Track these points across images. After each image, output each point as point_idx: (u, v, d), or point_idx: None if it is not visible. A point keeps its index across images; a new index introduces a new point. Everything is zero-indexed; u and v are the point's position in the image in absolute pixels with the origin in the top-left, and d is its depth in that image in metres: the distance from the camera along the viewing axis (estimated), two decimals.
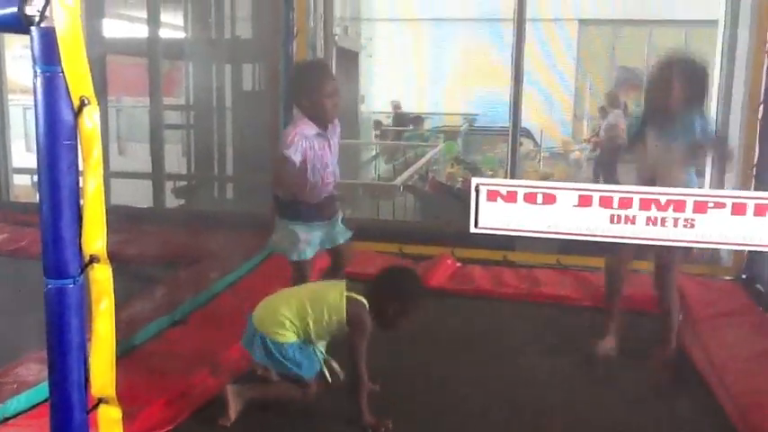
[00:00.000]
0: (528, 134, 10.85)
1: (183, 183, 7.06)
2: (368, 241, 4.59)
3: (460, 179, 8.00)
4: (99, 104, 1.53)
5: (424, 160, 8.90)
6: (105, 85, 6.39)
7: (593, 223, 1.67)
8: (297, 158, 3.10)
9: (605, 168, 3.69)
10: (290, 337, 2.66)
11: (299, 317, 2.66)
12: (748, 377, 3.01)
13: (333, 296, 2.69)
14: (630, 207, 1.66)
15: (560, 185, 1.70)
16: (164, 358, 3.06)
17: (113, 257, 1.57)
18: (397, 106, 12.74)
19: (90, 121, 1.49)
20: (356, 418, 2.69)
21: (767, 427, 2.62)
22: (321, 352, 2.76)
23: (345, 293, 2.70)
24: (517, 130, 5.40)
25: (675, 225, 1.66)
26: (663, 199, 1.66)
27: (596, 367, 3.27)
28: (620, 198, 1.66)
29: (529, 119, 9.98)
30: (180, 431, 2.62)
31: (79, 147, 1.51)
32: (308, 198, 3.21)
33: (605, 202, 1.67)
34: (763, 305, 3.98)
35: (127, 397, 1.66)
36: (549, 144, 12.62)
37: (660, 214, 1.66)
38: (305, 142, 3.13)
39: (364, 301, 2.71)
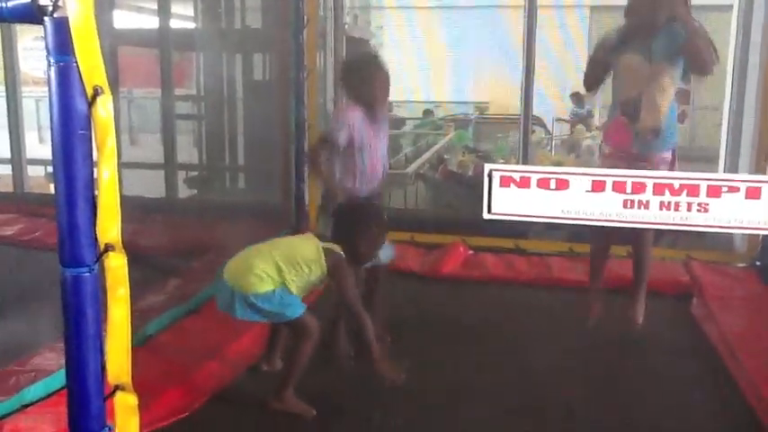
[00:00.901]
0: (539, 122, 10.78)
1: (195, 173, 7.08)
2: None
3: (472, 167, 7.96)
4: (112, 95, 1.54)
5: (435, 149, 8.88)
6: (117, 76, 6.41)
7: (606, 208, 1.67)
8: (341, 139, 3.08)
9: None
10: (269, 285, 2.62)
11: (278, 271, 2.63)
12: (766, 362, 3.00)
13: (309, 250, 2.69)
14: (644, 192, 1.65)
15: (574, 170, 1.69)
16: (177, 347, 3.09)
17: (126, 248, 1.58)
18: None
19: (104, 110, 1.50)
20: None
21: None
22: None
23: (320, 244, 2.70)
24: (528, 118, 5.37)
25: (689, 209, 1.65)
26: (676, 183, 1.65)
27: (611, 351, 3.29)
28: (633, 183, 1.65)
29: (540, 106, 9.91)
30: (194, 418, 2.65)
31: (93, 136, 1.52)
32: (357, 186, 3.15)
33: (619, 187, 1.66)
34: None
35: (141, 385, 1.67)
36: (561, 132, 12.53)
37: (674, 199, 1.65)
38: (352, 123, 3.10)
39: (338, 249, 2.71)
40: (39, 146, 7.50)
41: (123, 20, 7.07)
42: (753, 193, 1.62)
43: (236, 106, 6.84)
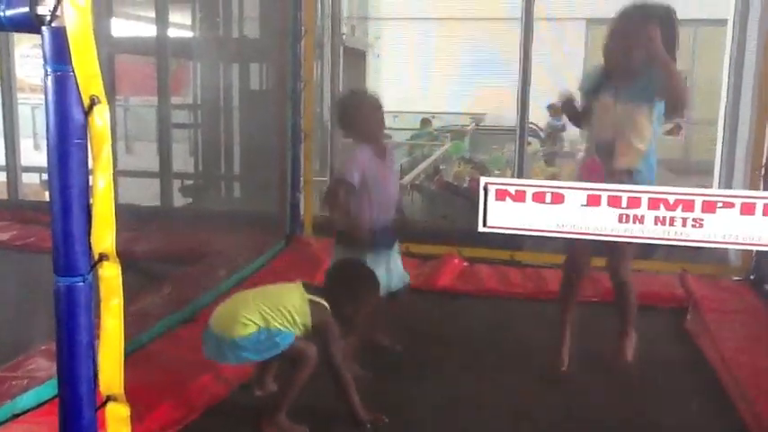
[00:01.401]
0: (536, 134, 10.82)
1: (191, 181, 7.08)
2: None
3: (467, 178, 7.98)
4: (108, 104, 1.54)
5: (430, 160, 8.90)
6: (113, 84, 6.41)
7: (601, 223, 1.67)
8: (355, 180, 3.14)
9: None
10: (253, 329, 2.58)
11: (263, 319, 2.59)
12: (760, 377, 3.00)
13: (295, 299, 2.64)
14: (639, 206, 1.66)
15: (569, 185, 1.70)
16: (172, 357, 3.07)
17: (122, 255, 1.57)
18: None
19: (100, 119, 1.50)
20: (352, 416, 2.67)
21: None
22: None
23: (307, 297, 2.64)
24: (524, 130, 5.40)
25: (684, 225, 1.66)
26: (671, 198, 1.66)
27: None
28: (628, 197, 1.66)
29: (537, 118, 9.95)
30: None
31: (89, 145, 1.52)
32: (372, 220, 3.20)
33: (614, 202, 1.67)
34: None
35: (135, 396, 1.66)
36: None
37: (669, 214, 1.66)
38: (362, 163, 3.17)
39: (326, 304, 2.65)
40: (34, 153, 7.49)
41: (121, 28, 7.08)
42: (747, 209, 1.63)
43: (233, 115, 6.85)
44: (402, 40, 13.62)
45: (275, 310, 2.60)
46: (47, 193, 1.73)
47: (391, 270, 3.28)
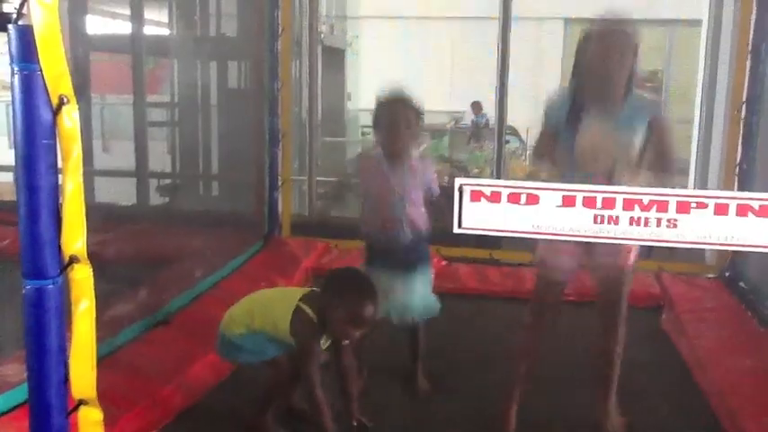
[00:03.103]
0: (514, 132, 10.86)
1: (168, 181, 7.01)
2: (355, 240, 4.58)
3: (447, 177, 7.99)
4: (81, 102, 1.51)
5: None
6: (89, 82, 6.32)
7: (577, 224, 1.68)
8: (360, 188, 3.08)
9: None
10: (241, 329, 2.55)
11: (250, 318, 2.55)
12: (734, 374, 3.04)
13: (284, 305, 2.49)
14: (614, 207, 1.67)
15: (544, 186, 1.70)
16: (147, 360, 3.03)
17: (95, 257, 1.55)
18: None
19: (69, 120, 1.48)
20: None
21: (751, 423, 2.64)
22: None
23: (296, 303, 2.47)
24: (503, 129, 5.42)
25: (658, 225, 1.67)
26: (646, 199, 1.66)
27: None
28: (603, 198, 1.67)
29: (515, 117, 9.98)
30: None
31: (58, 146, 1.50)
32: (366, 235, 3.05)
33: (589, 203, 1.67)
34: (745, 303, 4.01)
35: (109, 399, 1.64)
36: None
37: (643, 214, 1.66)
38: (362, 169, 3.08)
39: (310, 312, 2.45)
40: (10, 151, 7.36)
41: (96, 25, 6.99)
42: (721, 210, 1.64)
43: (211, 114, 6.79)
44: (380, 38, 13.60)
45: (261, 315, 2.56)
46: None
47: (402, 296, 2.95)
